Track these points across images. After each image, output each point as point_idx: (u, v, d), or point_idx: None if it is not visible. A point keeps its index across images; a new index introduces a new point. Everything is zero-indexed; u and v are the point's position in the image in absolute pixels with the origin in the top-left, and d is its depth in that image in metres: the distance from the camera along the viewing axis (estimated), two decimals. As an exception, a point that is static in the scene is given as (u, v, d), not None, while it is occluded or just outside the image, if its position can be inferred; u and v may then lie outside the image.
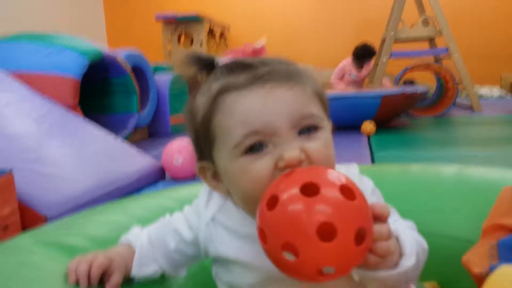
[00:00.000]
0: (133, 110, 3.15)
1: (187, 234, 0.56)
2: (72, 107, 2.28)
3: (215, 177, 0.53)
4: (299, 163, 0.45)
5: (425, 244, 0.49)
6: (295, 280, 0.43)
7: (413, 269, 0.46)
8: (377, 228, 0.41)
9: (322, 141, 0.48)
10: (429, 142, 2.78)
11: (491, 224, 0.67)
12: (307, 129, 0.48)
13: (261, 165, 0.46)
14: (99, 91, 3.02)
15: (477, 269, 0.61)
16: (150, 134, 3.72)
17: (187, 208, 0.58)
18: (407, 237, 0.46)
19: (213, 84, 0.50)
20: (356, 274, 0.46)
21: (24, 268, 0.54)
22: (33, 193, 1.45)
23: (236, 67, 0.50)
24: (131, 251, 0.57)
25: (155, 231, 0.59)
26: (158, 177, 2.07)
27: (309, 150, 0.47)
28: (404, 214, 0.73)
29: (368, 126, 2.92)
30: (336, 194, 0.39)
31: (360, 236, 0.39)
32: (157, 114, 3.62)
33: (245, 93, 0.48)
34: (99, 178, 1.73)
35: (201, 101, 0.51)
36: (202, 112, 0.50)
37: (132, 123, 3.07)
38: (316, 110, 0.49)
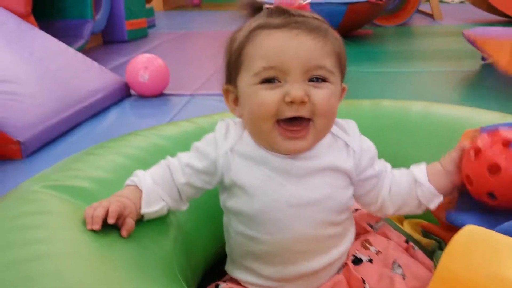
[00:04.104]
0: (87, 15, 2.97)
1: (200, 164, 0.62)
2: (24, 16, 2.13)
3: (235, 101, 0.62)
4: (301, 103, 0.54)
5: None
6: (293, 209, 0.58)
7: None
8: None
9: (327, 91, 0.56)
10: (390, 55, 2.85)
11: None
12: (317, 79, 0.56)
13: (271, 94, 0.55)
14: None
15: (437, 212, 0.70)
16: (105, 41, 3.54)
17: (198, 143, 0.64)
18: None
19: (253, 22, 0.59)
20: None
21: (44, 216, 0.55)
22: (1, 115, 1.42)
23: (276, 11, 0.58)
24: (138, 192, 0.60)
25: (157, 172, 0.63)
26: (124, 94, 2.02)
27: (313, 96, 0.55)
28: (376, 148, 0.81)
29: (331, 38, 2.94)
30: None
31: None
32: (111, 19, 3.43)
33: (275, 32, 0.56)
34: (64, 97, 1.68)
35: (240, 34, 0.60)
36: (238, 42, 0.59)
37: (87, 30, 2.91)
38: (329, 65, 0.56)
